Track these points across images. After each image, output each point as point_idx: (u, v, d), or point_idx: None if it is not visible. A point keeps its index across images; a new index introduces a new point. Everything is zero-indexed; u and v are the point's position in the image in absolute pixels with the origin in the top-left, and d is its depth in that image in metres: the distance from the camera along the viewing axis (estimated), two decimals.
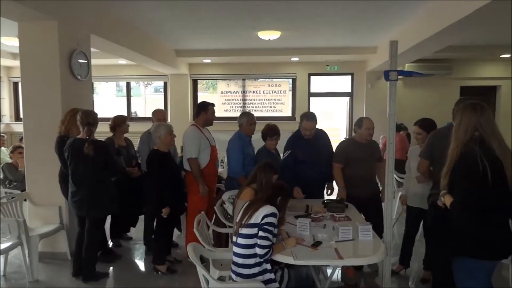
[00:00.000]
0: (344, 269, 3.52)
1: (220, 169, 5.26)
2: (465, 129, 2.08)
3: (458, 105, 2.42)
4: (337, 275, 3.64)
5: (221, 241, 3.77)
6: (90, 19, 4.46)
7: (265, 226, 2.28)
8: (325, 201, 3.45)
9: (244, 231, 2.34)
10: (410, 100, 8.57)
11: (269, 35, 6.25)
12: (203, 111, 3.97)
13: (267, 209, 2.33)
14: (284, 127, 5.04)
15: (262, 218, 2.30)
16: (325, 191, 4.02)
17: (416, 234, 3.72)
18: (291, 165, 3.67)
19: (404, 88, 8.74)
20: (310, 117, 3.68)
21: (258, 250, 2.27)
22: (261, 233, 2.28)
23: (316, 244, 2.48)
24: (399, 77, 2.57)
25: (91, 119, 3.34)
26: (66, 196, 3.60)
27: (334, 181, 3.88)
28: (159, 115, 4.48)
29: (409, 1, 4.60)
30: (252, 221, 2.32)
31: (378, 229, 2.97)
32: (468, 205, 2.01)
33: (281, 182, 2.67)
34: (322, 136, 3.85)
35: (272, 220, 2.31)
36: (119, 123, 4.27)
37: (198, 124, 3.98)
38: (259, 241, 2.28)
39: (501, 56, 8.05)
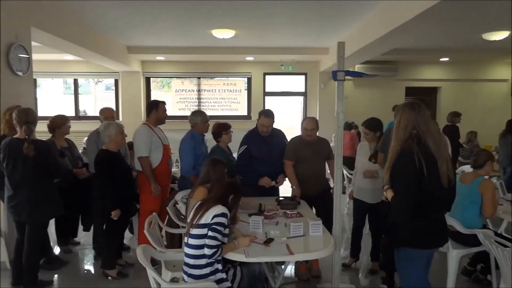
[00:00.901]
0: (297, 264, 3.60)
1: (175, 169, 5.16)
2: (404, 127, 2.20)
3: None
4: (291, 270, 3.72)
5: (174, 242, 3.70)
6: (29, 10, 4.16)
7: (214, 226, 2.27)
8: (278, 199, 3.51)
9: (194, 231, 2.31)
10: (360, 100, 8.94)
11: (223, 33, 6.23)
12: (154, 109, 3.89)
13: (218, 209, 2.31)
14: (240, 126, 5.07)
15: (212, 218, 2.28)
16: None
17: (363, 227, 3.89)
18: (245, 160, 3.73)
19: (355, 88, 9.10)
20: (268, 114, 3.76)
21: (206, 250, 2.25)
22: (210, 233, 2.26)
23: (269, 241, 2.51)
24: (347, 77, 2.68)
25: (30, 117, 3.11)
26: (3, 200, 3.34)
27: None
28: (106, 114, 4.28)
29: (359, 3, 4.78)
30: (202, 221, 2.29)
31: (330, 225, 3.08)
32: (405, 199, 2.14)
33: (234, 180, 2.67)
34: (278, 135, 3.95)
35: (222, 220, 2.29)
36: (58, 125, 3.96)
37: (150, 123, 3.89)
38: (207, 241, 2.26)
39: (441, 59, 8.64)
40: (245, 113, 9.15)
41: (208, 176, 2.87)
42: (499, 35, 6.10)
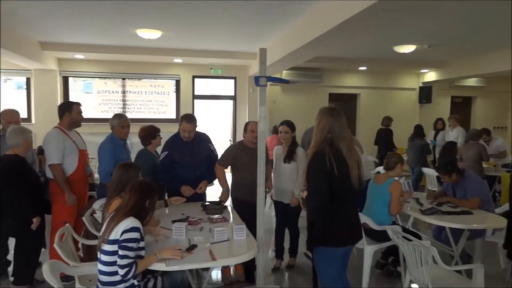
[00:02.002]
0: (223, 269, 3.59)
1: (96, 176, 4.83)
2: (321, 130, 2.33)
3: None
4: (217, 275, 3.70)
5: (92, 253, 3.44)
6: None
7: (124, 244, 2.11)
8: (204, 204, 3.47)
9: (106, 247, 2.15)
10: (288, 105, 9.26)
11: (149, 33, 6.00)
12: (67, 111, 3.57)
13: (127, 223, 2.15)
14: (168, 129, 4.91)
15: (121, 234, 2.12)
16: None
17: (284, 227, 4.00)
18: (167, 167, 3.60)
19: (283, 93, 9.40)
20: (189, 119, 3.64)
21: (118, 271, 2.11)
22: (120, 252, 2.11)
23: (191, 248, 2.45)
24: (274, 83, 2.73)
25: None
26: None
27: (214, 181, 3.93)
28: (9, 117, 3.83)
29: (284, 11, 4.94)
30: (112, 237, 2.13)
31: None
32: (317, 197, 2.26)
33: (147, 181, 2.49)
34: (202, 139, 3.84)
35: (133, 235, 2.14)
36: None
37: (63, 126, 3.58)
38: (118, 260, 2.11)
39: (359, 68, 9.32)
40: (174, 116, 8.92)
41: (119, 183, 2.66)
42: (407, 48, 6.77)
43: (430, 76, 9.73)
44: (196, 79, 9.10)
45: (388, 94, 10.16)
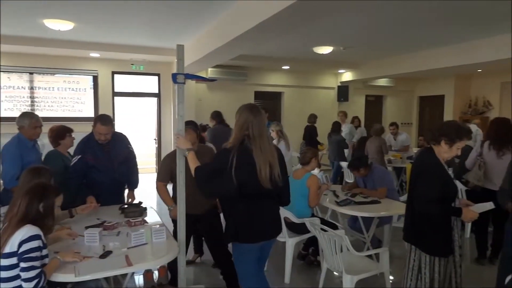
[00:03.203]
0: (145, 273, 3.46)
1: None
2: (240, 127, 2.32)
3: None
4: (139, 280, 3.55)
5: None
6: None
7: (26, 255, 1.91)
8: (122, 207, 3.29)
9: (3, 262, 1.92)
10: (213, 102, 9.21)
11: (59, 24, 5.51)
12: None
13: (23, 232, 1.94)
14: (86, 129, 4.55)
15: (19, 245, 1.92)
16: (126, 199, 3.77)
17: None
18: (81, 171, 3.32)
19: (209, 91, 9.34)
20: (104, 121, 3.34)
21: (25, 285, 1.91)
22: (23, 265, 1.91)
23: (105, 255, 2.31)
24: (188, 80, 2.68)
25: None
26: None
27: (134, 189, 3.76)
28: None
29: (207, 7, 4.90)
30: (7, 249, 1.92)
31: (220, 249, 3.17)
32: (219, 193, 2.36)
33: (39, 182, 2.27)
34: (120, 140, 3.60)
35: (33, 245, 1.94)
36: None
37: None
38: (22, 275, 1.91)
39: (283, 67, 9.64)
40: (92, 115, 8.32)
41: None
42: (325, 50, 7.17)
43: (347, 76, 10.44)
44: (116, 75, 8.60)
45: (309, 92, 10.67)
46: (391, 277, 3.78)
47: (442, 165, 2.48)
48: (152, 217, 3.22)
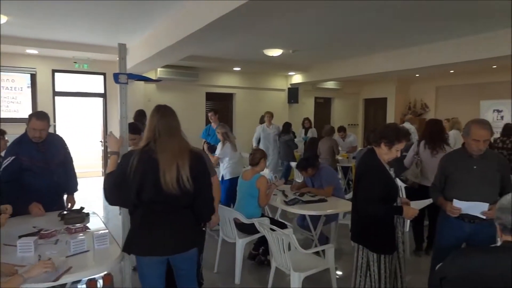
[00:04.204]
0: (88, 282, 3.28)
1: None
2: (148, 129, 2.20)
3: None
4: None
5: None
6: None
7: None
8: (61, 213, 3.10)
9: None
10: (164, 103, 8.88)
11: None
12: None
13: None
14: (22, 131, 4.23)
15: None
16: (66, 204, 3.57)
17: None
18: (13, 175, 3.06)
19: (159, 92, 9.10)
20: (40, 116, 3.14)
21: None
22: None
23: None
24: (130, 80, 2.59)
25: None
26: None
27: (74, 193, 3.56)
28: None
29: (154, 5, 4.77)
30: None
31: None
32: (121, 201, 2.24)
33: None
34: (56, 141, 3.38)
35: None
36: None
37: None
38: None
39: (234, 68, 9.66)
40: None
41: None
42: (275, 52, 7.30)
43: (297, 78, 10.70)
44: (57, 74, 8.10)
45: (261, 94, 10.79)
46: (339, 272, 3.94)
47: (383, 166, 2.59)
48: (95, 223, 3.06)
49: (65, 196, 3.57)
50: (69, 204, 3.49)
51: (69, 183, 3.49)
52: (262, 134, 7.68)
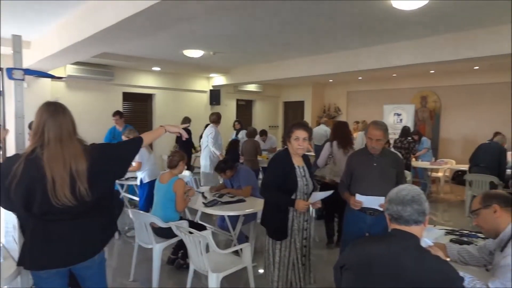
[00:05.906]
0: None
1: None
2: (35, 130, 1.90)
3: None
4: None
5: None
6: None
7: None
8: None
9: None
10: (75, 103, 8.32)
11: None
12: None
13: None
14: None
15: None
16: None
17: None
18: None
19: (69, 90, 8.38)
20: None
21: None
22: None
23: None
24: (28, 76, 2.35)
25: None
26: None
27: None
28: None
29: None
30: None
31: None
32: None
33: None
34: None
35: None
36: None
37: None
38: None
39: (153, 68, 9.33)
40: None
41: None
42: (195, 53, 7.23)
43: (218, 80, 10.73)
44: None
45: (182, 95, 10.59)
46: (260, 271, 4.04)
47: (289, 159, 2.81)
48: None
49: None
50: None
51: None
52: None
